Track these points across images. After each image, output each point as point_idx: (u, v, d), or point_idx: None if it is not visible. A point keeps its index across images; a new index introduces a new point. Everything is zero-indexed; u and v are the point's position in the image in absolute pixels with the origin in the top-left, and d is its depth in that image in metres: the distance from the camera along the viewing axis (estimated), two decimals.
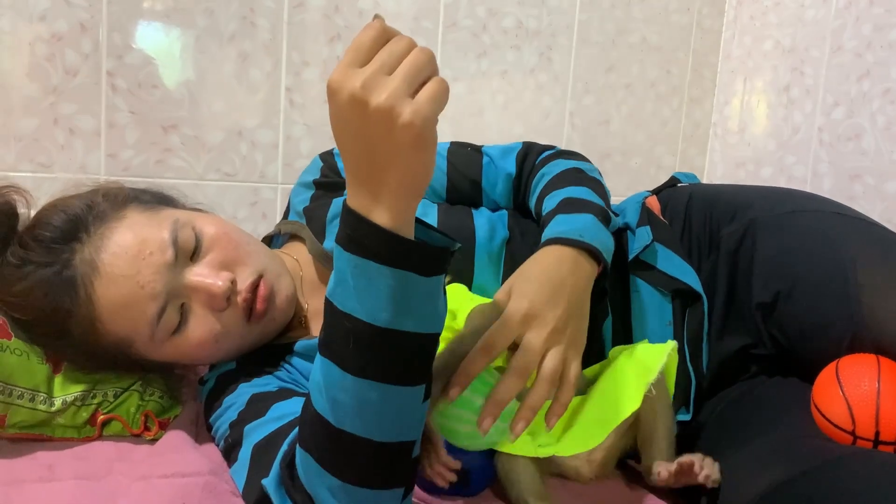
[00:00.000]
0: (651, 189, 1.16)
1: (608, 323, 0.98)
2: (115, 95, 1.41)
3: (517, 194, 1.07)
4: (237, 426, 0.84)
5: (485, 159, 1.08)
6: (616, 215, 1.08)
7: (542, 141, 1.27)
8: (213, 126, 1.48)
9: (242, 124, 1.50)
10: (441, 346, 0.85)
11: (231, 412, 0.87)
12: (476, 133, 1.67)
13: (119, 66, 1.40)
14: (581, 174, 1.00)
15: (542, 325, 0.76)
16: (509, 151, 1.09)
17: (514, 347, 0.76)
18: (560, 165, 1.02)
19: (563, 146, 1.72)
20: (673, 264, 1.01)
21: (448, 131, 1.64)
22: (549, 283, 0.79)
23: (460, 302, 0.86)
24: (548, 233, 0.88)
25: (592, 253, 0.85)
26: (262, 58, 1.49)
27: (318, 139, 1.54)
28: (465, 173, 1.05)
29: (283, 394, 0.87)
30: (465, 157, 1.08)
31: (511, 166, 1.07)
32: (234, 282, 0.90)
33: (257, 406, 0.85)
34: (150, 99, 1.43)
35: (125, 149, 1.43)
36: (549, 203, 0.95)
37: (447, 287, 0.88)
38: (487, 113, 1.68)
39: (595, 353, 0.96)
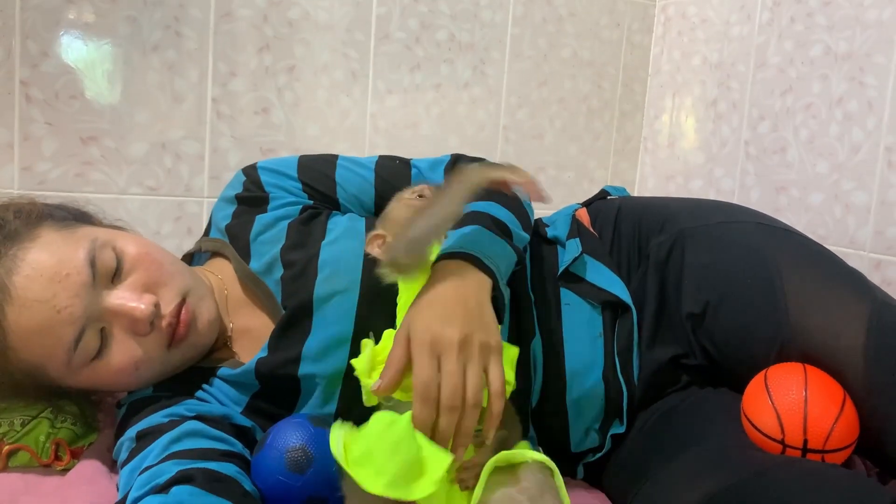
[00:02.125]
0: (581, 202, 1.16)
1: (536, 342, 0.97)
2: (29, 106, 1.34)
3: None
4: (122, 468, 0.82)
5: (413, 171, 1.06)
6: (547, 226, 1.08)
7: (478, 154, 1.26)
8: (135, 138, 1.43)
9: (166, 136, 1.45)
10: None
11: (123, 452, 0.83)
12: (411, 145, 1.66)
13: (34, 76, 1.34)
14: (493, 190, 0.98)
15: (449, 348, 0.75)
16: (438, 164, 1.07)
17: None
18: None
19: (497, 159, 1.73)
20: (602, 276, 1.00)
21: (383, 144, 1.63)
22: (439, 305, 0.78)
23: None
24: (440, 252, 0.86)
25: (474, 261, 0.84)
26: (188, 68, 1.45)
27: (245, 151, 1.50)
28: (393, 185, 1.03)
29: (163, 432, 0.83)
30: (394, 169, 1.06)
31: (440, 178, 1.05)
32: (157, 305, 0.86)
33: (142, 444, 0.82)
34: (68, 110, 1.37)
35: (41, 161, 1.37)
36: None
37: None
38: (422, 125, 1.67)
39: (525, 374, 0.95)
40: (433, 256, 0.85)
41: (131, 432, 0.84)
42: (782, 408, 0.82)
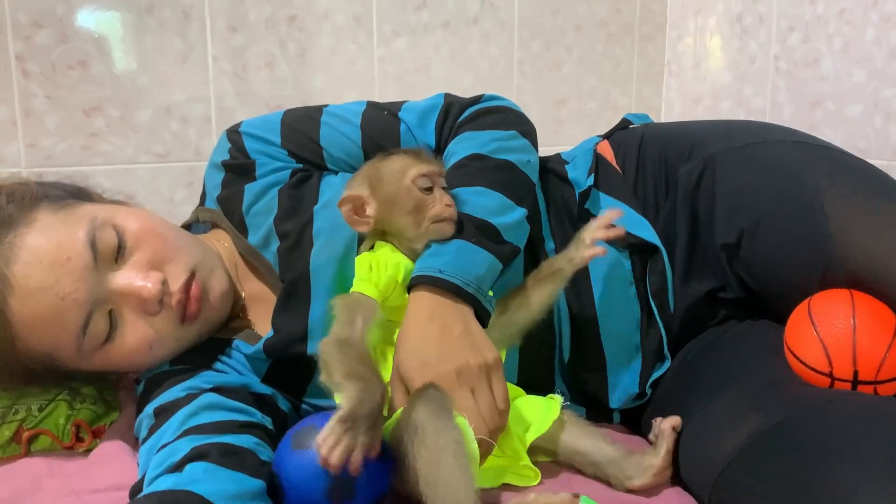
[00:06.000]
0: (602, 134, 1.09)
1: (561, 300, 0.93)
2: (27, 80, 1.31)
3: None
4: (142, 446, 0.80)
5: (402, 128, 0.98)
6: (567, 163, 1.02)
7: (494, 91, 1.18)
8: (138, 104, 1.39)
9: (170, 99, 1.41)
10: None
11: (143, 429, 0.81)
12: (423, 89, 1.58)
13: (28, 49, 1.30)
14: (482, 161, 0.90)
15: (451, 384, 0.74)
16: (428, 114, 0.98)
17: None
18: (464, 146, 0.92)
19: (514, 96, 1.66)
20: (624, 216, 0.95)
21: (393, 90, 1.57)
22: (424, 344, 0.76)
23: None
24: (416, 268, 0.81)
25: (452, 288, 0.79)
26: (185, 26, 1.39)
27: (252, 108, 1.45)
28: (382, 146, 0.94)
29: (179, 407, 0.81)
30: (382, 125, 0.98)
31: (430, 137, 0.98)
32: (165, 282, 0.84)
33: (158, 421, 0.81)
34: (67, 81, 1.34)
35: (46, 137, 1.34)
36: None
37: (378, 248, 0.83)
38: (434, 67, 1.60)
39: (548, 330, 0.92)
40: (405, 279, 0.81)
41: (149, 409, 0.82)
42: (828, 338, 0.77)
